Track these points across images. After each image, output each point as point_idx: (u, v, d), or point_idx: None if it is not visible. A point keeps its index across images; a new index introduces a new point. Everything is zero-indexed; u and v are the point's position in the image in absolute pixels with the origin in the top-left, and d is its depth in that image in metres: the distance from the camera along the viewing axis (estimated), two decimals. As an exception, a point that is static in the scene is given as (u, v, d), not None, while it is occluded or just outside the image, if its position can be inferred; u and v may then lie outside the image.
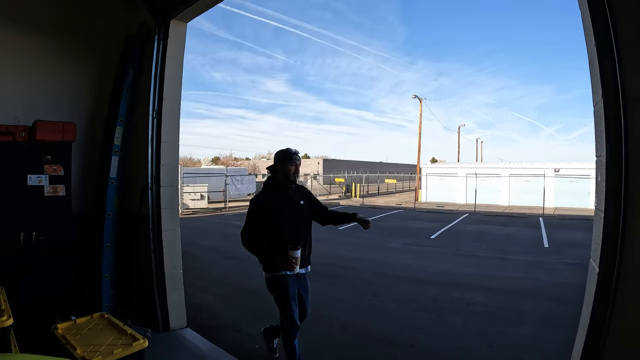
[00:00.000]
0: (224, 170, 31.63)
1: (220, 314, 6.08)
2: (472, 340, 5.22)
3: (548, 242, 13.41)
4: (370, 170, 48.69)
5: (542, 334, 5.41)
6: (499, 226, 17.73)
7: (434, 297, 7.06)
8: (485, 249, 12.23)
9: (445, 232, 15.80)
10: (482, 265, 9.80)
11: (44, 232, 4.65)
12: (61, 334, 3.42)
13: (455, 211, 24.72)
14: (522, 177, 29.40)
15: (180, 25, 5.14)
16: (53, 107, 5.17)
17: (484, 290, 7.48)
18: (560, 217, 21.31)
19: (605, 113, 2.13)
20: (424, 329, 5.59)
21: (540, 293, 7.33)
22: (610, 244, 2.13)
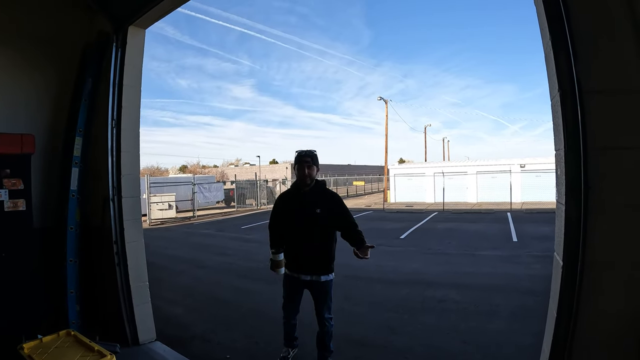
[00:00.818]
0: (191, 178, 31.27)
1: (190, 325, 5.98)
2: (445, 338, 5.26)
3: (517, 237, 13.69)
4: (339, 173, 48.82)
5: (516, 327, 5.49)
6: (468, 223, 18.02)
7: (405, 297, 7.10)
8: (455, 246, 12.40)
9: (415, 232, 15.96)
10: (452, 263, 9.92)
11: (5, 248, 4.48)
12: (27, 353, 3.33)
13: (424, 210, 25.04)
14: (489, 174, 29.92)
15: (139, 31, 5.05)
16: (10, 118, 4.99)
17: (456, 287, 7.56)
18: (527, 212, 21.79)
19: (562, 107, 2.16)
20: (396, 330, 5.61)
21: (512, 287, 7.46)
22: (572, 236, 2.16)
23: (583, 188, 2.09)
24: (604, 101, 2.08)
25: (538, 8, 2.33)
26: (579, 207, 2.11)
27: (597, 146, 2.08)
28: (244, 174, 49.14)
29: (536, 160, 29.23)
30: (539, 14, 2.32)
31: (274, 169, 55.60)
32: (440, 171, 29.91)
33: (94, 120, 5.20)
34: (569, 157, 2.16)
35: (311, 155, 4.24)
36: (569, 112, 2.14)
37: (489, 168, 30.47)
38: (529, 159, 30.03)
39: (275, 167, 57.27)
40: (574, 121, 2.11)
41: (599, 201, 2.08)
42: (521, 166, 29.20)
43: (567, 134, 2.16)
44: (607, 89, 2.07)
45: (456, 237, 14.19)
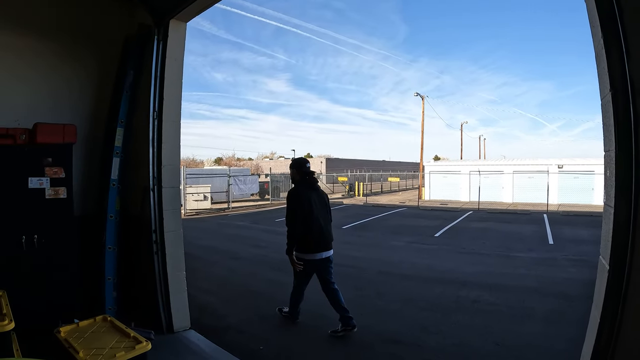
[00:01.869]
0: (226, 170, 31.57)
1: (224, 316, 6.04)
2: (478, 339, 5.17)
3: (553, 239, 13.35)
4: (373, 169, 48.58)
5: (549, 331, 5.36)
6: (503, 223, 17.67)
7: (439, 296, 7.01)
8: (490, 246, 12.18)
9: (450, 230, 15.75)
10: (487, 263, 9.75)
11: (46, 234, 4.62)
12: (64, 337, 3.39)
13: (459, 209, 24.66)
14: (526, 174, 29.26)
15: (180, 25, 5.10)
16: (53, 109, 5.14)
17: (490, 288, 7.43)
18: (564, 214, 21.22)
19: (614, 107, 2.08)
20: (429, 328, 5.55)
21: (546, 290, 7.28)
22: (620, 240, 2.08)
23: (634, 190, 2.01)
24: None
25: (589, 5, 2.24)
26: (629, 210, 2.02)
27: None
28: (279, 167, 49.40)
29: (574, 161, 28.42)
30: (590, 11, 2.24)
31: (308, 163, 55.66)
32: (476, 169, 29.42)
33: (135, 111, 5.30)
34: (619, 159, 2.07)
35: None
36: (620, 112, 2.05)
37: (526, 168, 29.75)
38: (566, 159, 29.17)
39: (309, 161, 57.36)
40: (625, 122, 2.02)
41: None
42: (559, 167, 28.43)
43: (618, 135, 2.06)
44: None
45: (491, 237, 13.93)
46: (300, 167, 5.58)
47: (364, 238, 13.75)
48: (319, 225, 5.28)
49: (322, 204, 5.49)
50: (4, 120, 4.68)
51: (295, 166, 5.64)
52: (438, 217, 20.33)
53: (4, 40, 4.81)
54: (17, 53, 4.93)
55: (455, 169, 33.39)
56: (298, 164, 5.64)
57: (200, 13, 5.04)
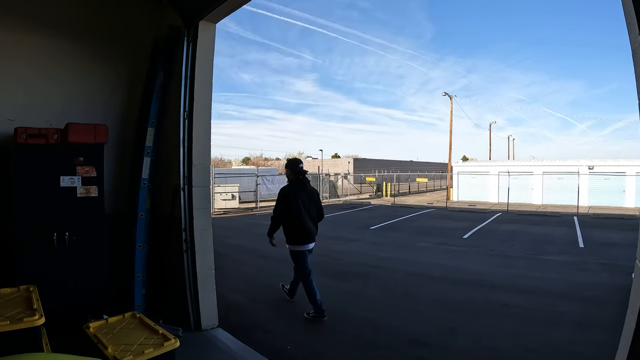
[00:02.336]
0: (254, 170, 31.81)
1: (251, 314, 6.08)
2: (507, 344, 5.08)
3: (583, 242, 13.05)
4: (401, 169, 48.22)
5: (580, 337, 5.24)
6: (532, 225, 17.35)
7: (467, 298, 6.92)
8: (519, 248, 11.97)
9: (478, 232, 15.54)
10: (516, 266, 9.58)
11: (77, 232, 4.71)
12: (93, 333, 3.45)
13: (488, 210, 24.31)
14: (555, 175, 28.67)
15: (210, 26, 5.15)
16: (85, 109, 5.25)
17: (519, 292, 7.30)
18: (595, 216, 20.70)
19: (654, 106, 2.01)
20: (457, 331, 5.48)
21: (577, 294, 7.12)
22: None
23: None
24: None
25: (625, 2, 2.17)
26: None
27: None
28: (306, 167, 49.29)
29: (605, 162, 27.70)
30: (626, 6, 2.16)
31: (336, 163, 55.66)
32: (505, 170, 28.90)
33: (166, 111, 5.37)
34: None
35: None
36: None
37: (556, 169, 29.10)
38: (597, 160, 28.46)
39: (337, 162, 57.31)
40: (664, 122, 1.96)
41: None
42: (589, 168, 27.69)
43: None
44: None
45: (520, 239, 13.68)
46: (294, 167, 6.19)
47: (392, 239, 13.68)
48: (307, 222, 6.01)
49: (310, 202, 6.14)
50: (37, 120, 4.80)
51: (289, 166, 6.25)
52: (466, 218, 20.09)
53: (37, 42, 4.93)
54: (50, 55, 5.06)
55: (483, 170, 32.92)
56: (292, 164, 6.26)
57: (229, 14, 5.07)
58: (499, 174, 29.74)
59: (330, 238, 13.63)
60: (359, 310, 6.17)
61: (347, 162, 56.29)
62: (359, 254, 10.99)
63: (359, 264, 9.74)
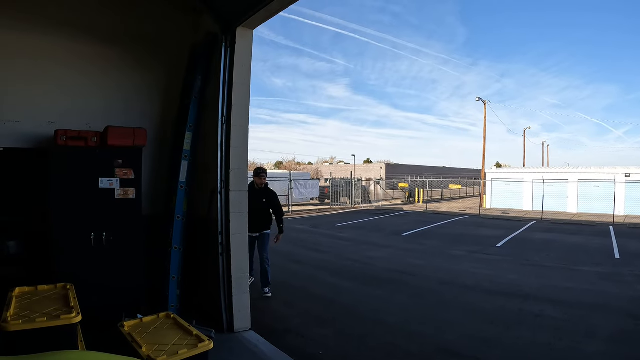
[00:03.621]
0: (287, 174, 31.95)
1: (284, 318, 6.09)
2: (540, 355, 4.95)
3: (619, 253, 12.63)
4: (434, 175, 47.72)
5: (614, 351, 5.07)
6: (567, 235, 16.90)
7: (501, 308, 6.78)
8: (554, 258, 11.67)
9: (512, 240, 15.22)
10: (550, 276, 9.34)
11: (114, 232, 4.84)
12: (127, 331, 3.50)
13: (522, 218, 23.80)
14: (591, 183, 27.82)
15: (247, 32, 5.21)
16: (124, 113, 5.39)
17: (553, 303, 7.11)
18: (631, 226, 19.98)
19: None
20: (490, 341, 5.37)
21: (612, 307, 6.88)
22: None
23: None
24: None
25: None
26: None
27: None
28: (338, 172, 49.47)
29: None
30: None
31: (368, 169, 55.42)
32: (540, 177, 28.20)
33: (204, 116, 5.45)
34: None
35: (264, 170, 7.60)
36: None
37: (591, 176, 28.11)
38: (634, 167, 27.29)
39: (369, 167, 57.07)
40: None
41: None
42: (626, 175, 26.68)
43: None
44: None
45: (555, 249, 13.31)
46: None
47: (425, 246, 13.52)
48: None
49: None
50: (77, 123, 4.98)
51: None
52: (500, 226, 19.72)
53: (76, 47, 5.13)
54: (89, 59, 5.26)
55: (517, 177, 32.20)
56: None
57: (266, 20, 5.11)
58: (533, 181, 29.08)
59: (362, 243, 13.58)
60: (390, 317, 6.11)
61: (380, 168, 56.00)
62: (390, 261, 10.90)
63: (390, 270, 9.65)
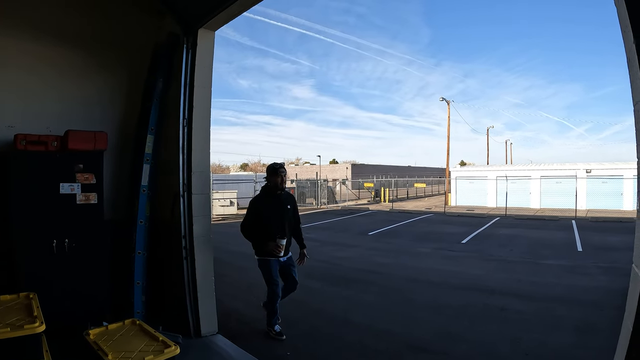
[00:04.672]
0: (252, 176, 31.80)
1: (251, 321, 6.07)
2: (506, 349, 5.08)
3: (582, 246, 13.07)
4: (399, 175, 48.25)
5: (579, 342, 5.25)
6: (531, 230, 17.37)
7: (466, 304, 6.92)
8: (518, 253, 11.99)
9: (477, 237, 15.55)
10: (515, 271, 9.59)
11: (77, 239, 4.74)
12: (93, 339, 3.46)
13: (486, 215, 24.32)
14: (553, 179, 28.75)
15: (209, 33, 5.17)
16: (84, 116, 5.27)
17: (518, 297, 7.31)
18: (593, 220, 20.73)
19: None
20: (457, 336, 5.48)
21: (576, 298, 7.12)
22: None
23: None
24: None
25: (620, 10, 2.18)
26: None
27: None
28: (304, 173, 49.56)
29: (603, 165, 27.81)
30: (621, 17, 2.17)
31: (334, 169, 55.71)
32: (503, 175, 28.95)
33: (165, 119, 5.38)
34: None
35: (284, 167, 5.52)
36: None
37: (554, 173, 29.20)
38: (595, 164, 28.52)
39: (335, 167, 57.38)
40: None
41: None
42: (587, 171, 27.76)
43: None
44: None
45: (519, 244, 13.69)
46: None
47: (392, 245, 13.68)
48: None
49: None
50: (36, 127, 4.83)
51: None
52: (465, 223, 20.10)
53: (36, 49, 4.97)
54: (49, 62, 5.09)
55: (481, 175, 32.97)
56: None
57: (228, 22, 5.09)
58: (496, 179, 29.77)
59: (330, 244, 13.63)
60: (358, 316, 6.16)
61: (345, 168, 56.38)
62: (358, 260, 11.00)
63: (358, 269, 9.73)
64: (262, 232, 5.24)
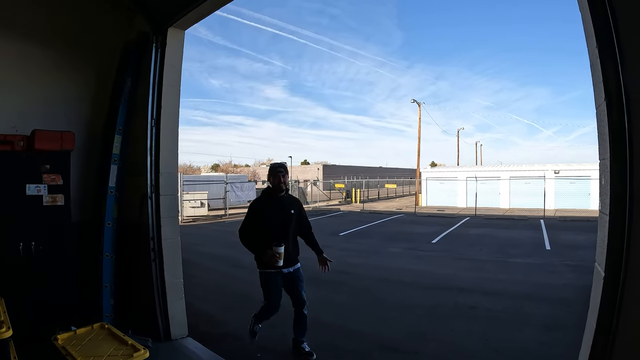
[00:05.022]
0: (223, 177, 31.60)
1: (222, 323, 6.03)
2: (476, 346, 5.18)
3: (550, 245, 13.39)
4: (370, 175, 48.56)
5: (547, 338, 5.37)
6: (500, 229, 17.70)
7: (436, 303, 7.01)
8: (487, 252, 12.20)
9: (447, 236, 15.76)
10: (484, 269, 9.76)
11: (43, 241, 4.62)
12: (61, 344, 3.38)
13: (456, 215, 24.68)
14: (522, 180, 29.38)
15: (178, 33, 5.13)
16: (51, 116, 5.14)
17: (487, 295, 7.44)
18: (561, 219, 21.28)
19: (609, 116, 2.09)
20: (427, 335, 5.55)
21: (544, 296, 7.29)
22: (615, 247, 2.09)
23: (628, 197, 2.02)
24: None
25: (584, 14, 2.25)
26: (624, 218, 2.03)
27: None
28: (276, 174, 49.24)
29: (571, 166, 28.59)
30: (585, 21, 2.25)
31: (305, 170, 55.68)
32: (473, 175, 29.42)
33: (133, 119, 5.30)
34: (614, 167, 2.08)
35: (284, 166, 4.93)
36: (615, 121, 2.05)
37: (523, 173, 29.92)
38: (563, 164, 29.33)
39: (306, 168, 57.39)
40: (620, 130, 2.03)
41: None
42: (555, 172, 28.53)
43: (612, 144, 2.07)
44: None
45: (488, 243, 13.95)
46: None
47: (362, 245, 13.75)
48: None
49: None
50: (3, 126, 4.69)
51: None
52: (435, 223, 20.34)
53: (6, 47, 4.83)
54: (15, 61, 4.95)
55: (451, 175, 33.45)
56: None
57: (198, 21, 5.07)
58: (467, 179, 30.26)
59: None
60: (329, 317, 6.18)
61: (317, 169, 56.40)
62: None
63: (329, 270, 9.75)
64: (261, 238, 4.59)
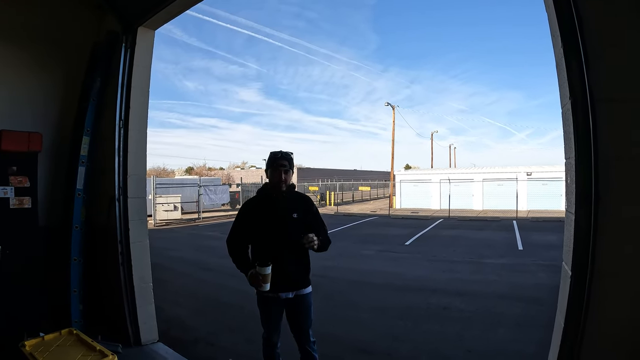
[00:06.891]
0: (197, 180, 31.31)
1: (193, 328, 5.96)
2: (449, 346, 5.23)
3: (522, 245, 13.62)
4: (345, 178, 48.82)
5: (519, 336, 5.45)
6: (473, 230, 17.94)
7: (409, 304, 7.06)
8: (460, 253, 12.33)
9: (420, 238, 15.89)
10: (457, 270, 9.86)
11: (10, 246, 4.49)
12: (29, 351, 3.33)
13: (430, 217, 24.92)
14: (495, 182, 29.85)
15: (148, 32, 5.05)
16: (17, 116, 5.00)
17: (460, 295, 7.51)
18: (533, 220, 21.69)
19: (574, 115, 2.13)
20: (400, 337, 5.57)
21: (516, 295, 7.40)
22: (581, 246, 2.13)
23: (594, 198, 2.06)
24: (616, 110, 2.04)
25: (550, 15, 2.30)
26: (589, 217, 2.08)
27: (608, 156, 2.04)
28: (250, 177, 49.24)
29: (543, 168, 29.20)
30: (551, 22, 2.30)
31: (280, 173, 55.49)
32: (447, 178, 29.83)
33: (102, 119, 5.20)
34: (579, 167, 2.13)
35: (288, 158, 3.64)
36: (580, 121, 2.10)
37: (496, 175, 30.43)
38: (535, 167, 29.97)
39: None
40: (585, 130, 2.08)
41: (610, 211, 2.04)
42: (528, 174, 29.13)
43: (577, 143, 2.12)
44: (619, 97, 2.04)
45: (461, 244, 14.12)
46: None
47: (335, 247, 13.69)
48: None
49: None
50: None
51: None
52: (409, 225, 20.50)
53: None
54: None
55: (425, 178, 33.79)
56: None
57: (169, 21, 5.01)
58: (440, 182, 30.64)
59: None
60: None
61: (291, 172, 56.26)
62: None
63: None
64: (253, 251, 3.61)
